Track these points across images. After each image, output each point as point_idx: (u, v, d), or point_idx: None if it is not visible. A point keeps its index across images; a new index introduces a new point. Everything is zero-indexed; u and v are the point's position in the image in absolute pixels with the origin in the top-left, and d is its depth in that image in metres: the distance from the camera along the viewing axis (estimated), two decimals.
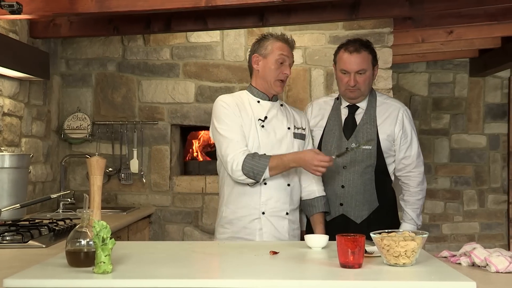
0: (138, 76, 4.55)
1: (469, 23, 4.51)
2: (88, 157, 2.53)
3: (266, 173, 2.68)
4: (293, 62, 2.95)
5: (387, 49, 4.46)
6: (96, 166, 2.40)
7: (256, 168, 2.67)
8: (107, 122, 4.51)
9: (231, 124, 2.77)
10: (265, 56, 2.86)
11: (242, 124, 2.78)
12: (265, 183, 2.78)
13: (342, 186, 2.93)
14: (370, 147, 2.89)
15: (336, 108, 3.02)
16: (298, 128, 2.91)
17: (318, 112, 3.07)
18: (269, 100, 2.89)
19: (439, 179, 6.46)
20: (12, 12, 2.94)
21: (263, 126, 2.82)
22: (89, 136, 4.45)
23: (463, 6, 3.65)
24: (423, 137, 6.46)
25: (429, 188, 6.44)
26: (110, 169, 4.43)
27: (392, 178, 3.06)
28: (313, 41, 4.49)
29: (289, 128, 2.87)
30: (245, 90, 2.94)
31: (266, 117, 2.84)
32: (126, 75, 4.56)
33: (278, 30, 4.47)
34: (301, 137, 2.91)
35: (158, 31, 4.02)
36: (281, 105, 2.95)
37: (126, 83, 4.55)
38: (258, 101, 2.88)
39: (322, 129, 3.01)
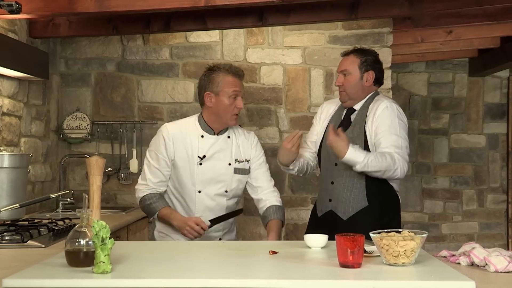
0: (137, 76, 4.55)
1: (468, 23, 4.51)
2: (87, 157, 2.52)
3: (155, 217, 2.95)
4: (242, 93, 2.93)
5: (387, 49, 4.46)
6: (96, 166, 2.39)
7: (148, 209, 2.93)
8: (106, 122, 4.51)
9: (155, 161, 2.90)
10: (217, 93, 2.86)
11: (168, 162, 2.89)
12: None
13: (332, 182, 2.99)
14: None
15: (339, 109, 3.11)
16: (240, 162, 2.94)
17: (327, 112, 3.16)
18: (213, 134, 2.93)
19: (438, 178, 6.46)
20: (11, 12, 2.94)
21: (200, 164, 2.88)
22: (88, 136, 4.45)
23: (462, 6, 3.65)
24: (423, 137, 6.46)
25: (428, 187, 6.46)
26: (109, 169, 4.43)
27: (390, 182, 2.99)
28: (312, 41, 4.50)
29: (230, 164, 2.92)
30: (195, 118, 2.97)
31: (204, 156, 2.88)
32: (126, 75, 4.56)
33: (277, 29, 4.48)
34: (242, 172, 2.95)
35: (158, 31, 4.02)
36: (229, 137, 2.95)
37: (125, 83, 4.55)
38: (202, 136, 2.91)
39: (325, 129, 3.09)
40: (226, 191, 2.92)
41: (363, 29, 4.47)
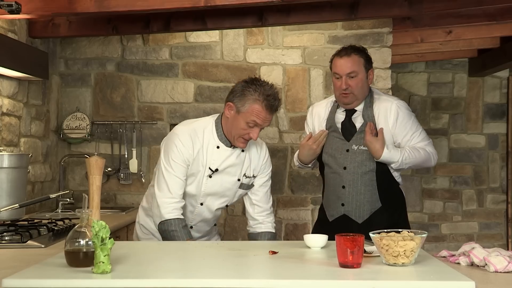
0: (137, 76, 4.55)
1: (468, 23, 4.51)
2: (87, 157, 2.52)
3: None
4: (269, 125, 2.71)
5: (386, 49, 4.47)
6: (95, 166, 2.39)
7: (169, 235, 2.66)
8: (106, 122, 4.51)
9: (176, 170, 2.67)
10: (238, 111, 2.63)
11: (187, 171, 2.69)
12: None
13: (343, 187, 2.95)
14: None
15: (333, 111, 3.04)
16: (248, 177, 2.79)
17: (319, 116, 3.09)
18: (230, 147, 2.73)
19: (438, 179, 6.46)
20: (11, 12, 2.94)
21: (210, 176, 2.73)
22: (88, 136, 4.45)
23: (462, 6, 3.66)
24: None
25: (428, 187, 6.46)
26: (109, 169, 4.43)
27: (397, 179, 3.02)
28: (312, 41, 4.50)
29: (239, 180, 2.78)
30: (213, 123, 2.75)
31: (217, 170, 2.71)
32: (125, 75, 4.56)
33: (277, 29, 4.48)
34: (247, 187, 2.82)
35: (157, 31, 4.02)
36: (243, 150, 2.76)
37: (125, 83, 4.55)
38: (218, 147, 2.72)
39: None
40: (227, 205, 2.85)
41: (363, 29, 4.47)
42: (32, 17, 3.35)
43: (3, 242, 2.49)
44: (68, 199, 3.95)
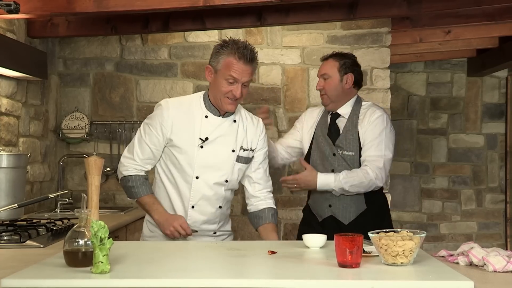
0: (136, 76, 4.55)
1: (467, 23, 4.52)
2: (86, 157, 2.52)
3: (134, 199, 2.78)
4: (251, 79, 2.65)
5: (385, 49, 4.47)
6: (94, 166, 2.40)
7: (129, 191, 2.75)
8: (105, 122, 4.51)
9: (147, 136, 2.70)
10: (216, 71, 2.64)
11: (158, 142, 2.68)
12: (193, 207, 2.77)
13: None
14: (353, 153, 2.99)
15: (324, 116, 3.14)
16: (245, 150, 2.74)
17: (311, 118, 3.19)
18: (219, 116, 2.71)
19: (437, 178, 6.47)
20: (10, 12, 2.94)
21: (201, 147, 2.68)
22: (87, 136, 4.45)
23: (460, 6, 3.66)
24: (421, 137, 6.46)
25: (427, 187, 6.47)
26: (108, 169, 4.43)
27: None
28: (311, 40, 4.50)
29: (233, 151, 2.71)
30: (200, 95, 2.76)
31: (207, 138, 2.67)
32: (124, 75, 4.56)
33: (276, 29, 4.48)
34: (245, 161, 2.76)
35: (156, 31, 4.02)
36: (234, 121, 2.75)
37: (124, 83, 4.55)
38: (206, 116, 2.70)
39: (312, 135, 3.13)
40: (227, 181, 2.74)
41: (362, 29, 4.47)
42: (30, 17, 3.35)
43: (2, 242, 2.48)
44: (67, 199, 3.95)
